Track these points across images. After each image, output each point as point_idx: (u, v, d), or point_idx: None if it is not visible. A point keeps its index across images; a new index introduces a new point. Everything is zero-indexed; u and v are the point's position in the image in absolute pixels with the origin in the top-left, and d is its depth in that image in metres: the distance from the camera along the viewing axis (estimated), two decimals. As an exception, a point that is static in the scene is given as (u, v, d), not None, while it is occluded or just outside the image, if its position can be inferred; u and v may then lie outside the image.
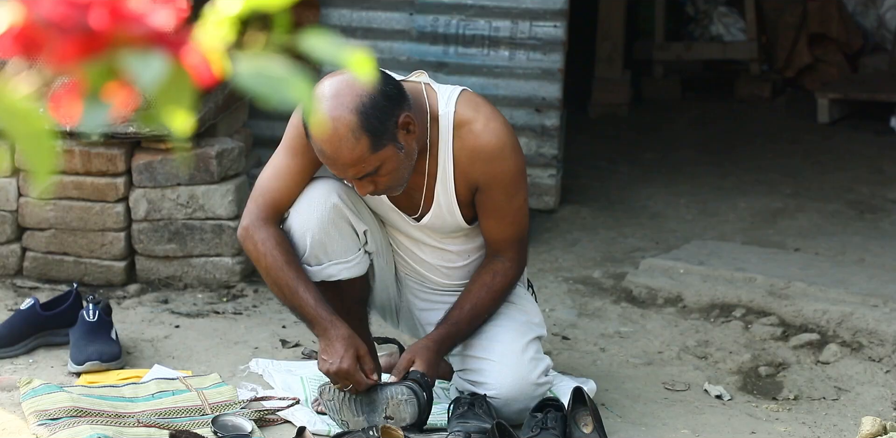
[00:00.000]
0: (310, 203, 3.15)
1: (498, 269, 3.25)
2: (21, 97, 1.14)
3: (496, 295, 3.25)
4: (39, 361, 3.56)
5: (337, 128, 2.93)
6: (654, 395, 3.54)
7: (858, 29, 7.65)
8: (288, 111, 3.27)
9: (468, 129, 3.12)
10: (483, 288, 3.23)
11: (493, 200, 3.18)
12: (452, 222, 3.24)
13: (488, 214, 3.21)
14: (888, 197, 5.49)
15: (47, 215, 4.08)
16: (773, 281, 4.25)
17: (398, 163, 3.01)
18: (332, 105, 2.94)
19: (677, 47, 7.62)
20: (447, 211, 3.21)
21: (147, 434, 3.08)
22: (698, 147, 6.43)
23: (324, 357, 3.09)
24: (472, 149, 3.12)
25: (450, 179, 3.16)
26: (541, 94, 4.92)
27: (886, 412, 3.47)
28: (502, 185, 3.16)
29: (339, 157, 2.96)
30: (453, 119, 3.12)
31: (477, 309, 3.22)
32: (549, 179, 5.00)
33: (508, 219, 3.22)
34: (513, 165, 3.15)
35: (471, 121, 3.12)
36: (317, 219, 3.14)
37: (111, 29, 1.12)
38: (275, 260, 3.11)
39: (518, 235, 3.26)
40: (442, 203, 3.20)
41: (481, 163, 3.13)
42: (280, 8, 1.17)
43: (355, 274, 3.22)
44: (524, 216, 3.26)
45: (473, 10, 4.88)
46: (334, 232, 3.16)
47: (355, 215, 3.19)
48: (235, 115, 4.45)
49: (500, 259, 3.25)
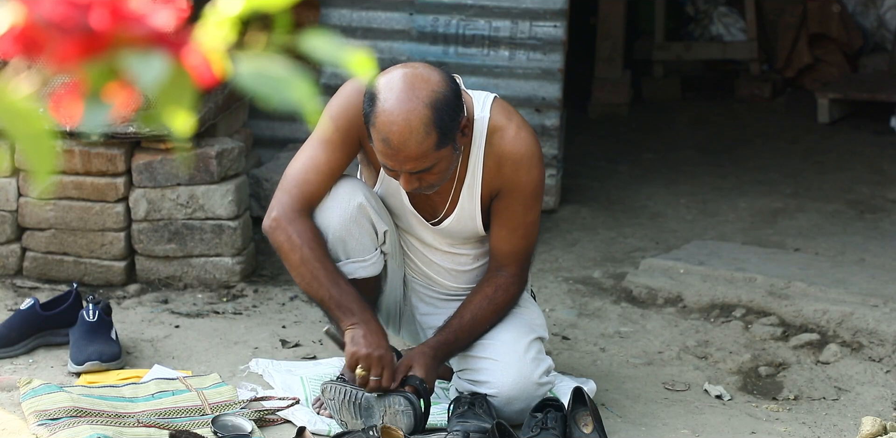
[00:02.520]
0: (334, 200, 3.14)
1: (500, 283, 3.24)
2: (21, 97, 1.14)
3: (497, 309, 3.24)
4: (39, 361, 3.56)
5: (410, 121, 2.91)
6: (654, 395, 3.54)
7: (858, 29, 7.65)
8: (288, 111, 3.26)
9: (500, 135, 3.13)
10: (485, 299, 3.23)
11: (510, 210, 3.18)
12: (472, 227, 3.24)
13: (502, 223, 3.21)
14: (888, 197, 5.49)
15: (47, 215, 4.08)
16: (773, 281, 4.25)
17: (450, 164, 3.02)
18: (407, 97, 2.91)
19: (677, 47, 7.62)
20: (469, 216, 3.21)
21: (147, 434, 3.08)
22: (698, 147, 6.43)
23: (362, 341, 3.05)
24: (500, 154, 3.13)
25: (478, 184, 3.17)
26: (541, 94, 4.92)
27: (886, 412, 3.48)
28: (522, 195, 3.16)
29: (403, 149, 2.93)
30: (487, 124, 3.13)
31: (477, 319, 3.22)
32: (549, 179, 5.00)
33: (520, 231, 3.22)
34: (537, 176, 3.16)
35: (504, 127, 3.13)
36: (339, 216, 3.13)
37: (112, 29, 1.12)
38: (312, 251, 3.08)
39: (525, 251, 3.25)
40: (466, 207, 3.21)
41: (508, 168, 3.14)
42: (280, 8, 1.17)
43: (370, 274, 3.22)
44: (534, 233, 3.25)
45: (473, 10, 4.88)
46: (356, 230, 3.15)
47: (378, 215, 3.19)
48: (235, 115, 4.45)
49: (503, 273, 3.24)
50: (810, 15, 7.55)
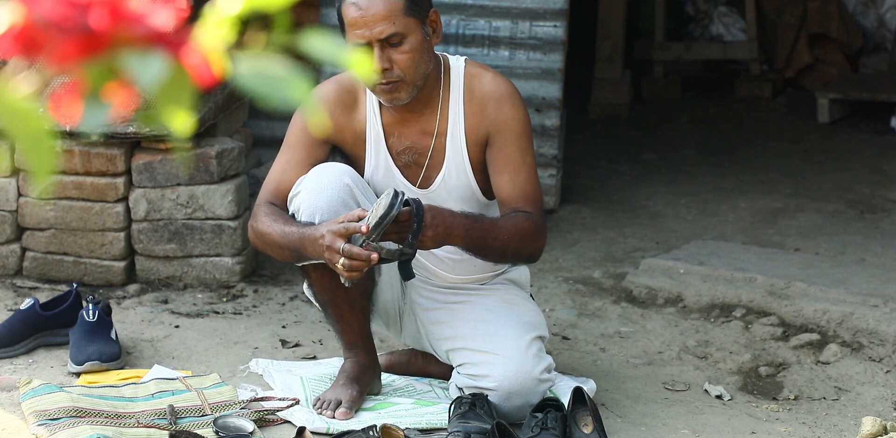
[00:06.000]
0: (319, 182, 3.14)
1: (519, 213, 3.14)
2: (21, 97, 1.14)
3: (519, 226, 3.10)
4: (39, 361, 3.56)
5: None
6: (654, 395, 3.54)
7: (858, 29, 7.65)
8: (288, 111, 3.27)
9: (478, 80, 3.21)
10: (504, 217, 3.14)
11: (506, 152, 3.18)
12: (465, 183, 3.23)
13: (502, 169, 3.18)
14: (888, 197, 5.49)
15: (47, 215, 4.08)
16: (773, 281, 4.25)
17: (420, 45, 3.08)
18: None
19: (677, 47, 7.62)
20: (458, 168, 3.21)
21: (147, 434, 3.07)
22: (698, 147, 6.43)
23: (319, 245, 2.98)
24: (482, 96, 3.19)
25: (460, 133, 3.19)
26: (541, 94, 4.92)
27: (886, 412, 3.47)
28: (514, 134, 3.18)
29: (371, 6, 3.02)
30: (464, 72, 3.21)
31: (497, 222, 3.11)
32: (549, 179, 5.00)
33: (523, 175, 3.17)
34: (523, 114, 3.19)
35: (481, 73, 3.22)
36: (326, 199, 3.12)
37: (111, 29, 1.12)
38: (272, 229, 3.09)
39: (534, 195, 3.17)
40: (452, 159, 3.21)
41: (491, 108, 3.18)
42: (280, 8, 1.17)
43: None
44: (537, 180, 3.20)
45: (473, 9, 4.88)
46: (343, 211, 3.14)
47: (364, 197, 3.18)
48: (235, 115, 4.45)
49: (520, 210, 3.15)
50: (810, 15, 7.55)
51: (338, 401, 3.25)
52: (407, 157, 3.24)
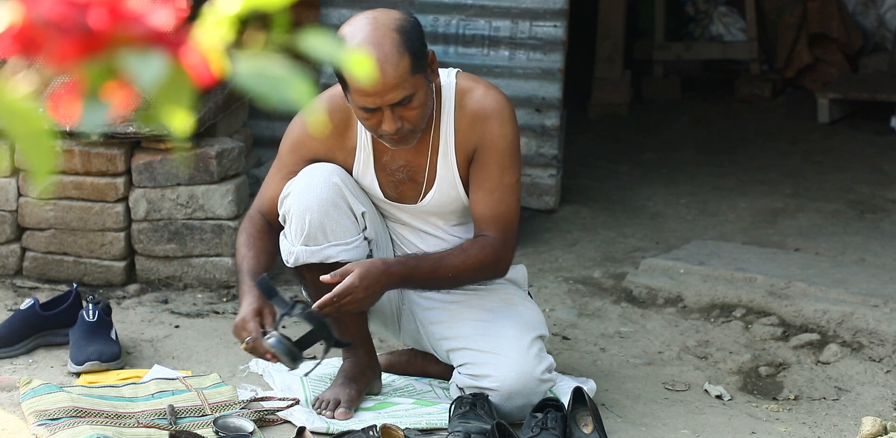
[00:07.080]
0: (308, 183, 3.16)
1: (478, 241, 3.19)
2: (21, 97, 1.14)
3: (468, 260, 3.16)
4: (39, 361, 3.56)
5: (382, 46, 2.96)
6: (654, 395, 3.54)
7: (858, 29, 7.65)
8: (288, 111, 3.28)
9: (470, 96, 3.19)
10: (458, 248, 3.19)
11: (486, 169, 3.18)
12: (455, 197, 3.23)
13: (478, 185, 3.19)
14: (888, 197, 5.49)
15: (47, 215, 4.08)
16: (773, 281, 4.25)
17: (426, 97, 3.06)
18: (374, 28, 2.99)
19: (677, 47, 7.62)
20: (448, 184, 3.21)
21: (147, 434, 3.07)
22: (698, 147, 6.43)
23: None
24: (473, 113, 3.17)
25: (451, 150, 3.19)
26: (541, 94, 4.92)
27: (886, 412, 3.47)
28: (497, 152, 3.17)
29: (382, 76, 2.96)
30: (455, 89, 3.19)
31: (444, 260, 3.15)
32: (549, 179, 5.00)
33: (497, 194, 3.18)
34: (510, 131, 3.17)
35: (472, 88, 3.20)
36: (316, 199, 3.14)
37: (111, 29, 1.12)
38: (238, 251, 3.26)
39: (505, 216, 3.19)
40: (443, 176, 3.21)
41: (479, 125, 3.17)
42: (280, 8, 1.17)
43: (353, 258, 3.19)
44: (513, 199, 3.20)
45: (473, 9, 4.88)
46: (334, 212, 3.15)
47: (354, 197, 3.19)
48: (235, 115, 4.45)
49: (483, 236, 3.20)
50: (810, 15, 7.55)
51: (337, 401, 3.25)
52: (402, 174, 3.25)
